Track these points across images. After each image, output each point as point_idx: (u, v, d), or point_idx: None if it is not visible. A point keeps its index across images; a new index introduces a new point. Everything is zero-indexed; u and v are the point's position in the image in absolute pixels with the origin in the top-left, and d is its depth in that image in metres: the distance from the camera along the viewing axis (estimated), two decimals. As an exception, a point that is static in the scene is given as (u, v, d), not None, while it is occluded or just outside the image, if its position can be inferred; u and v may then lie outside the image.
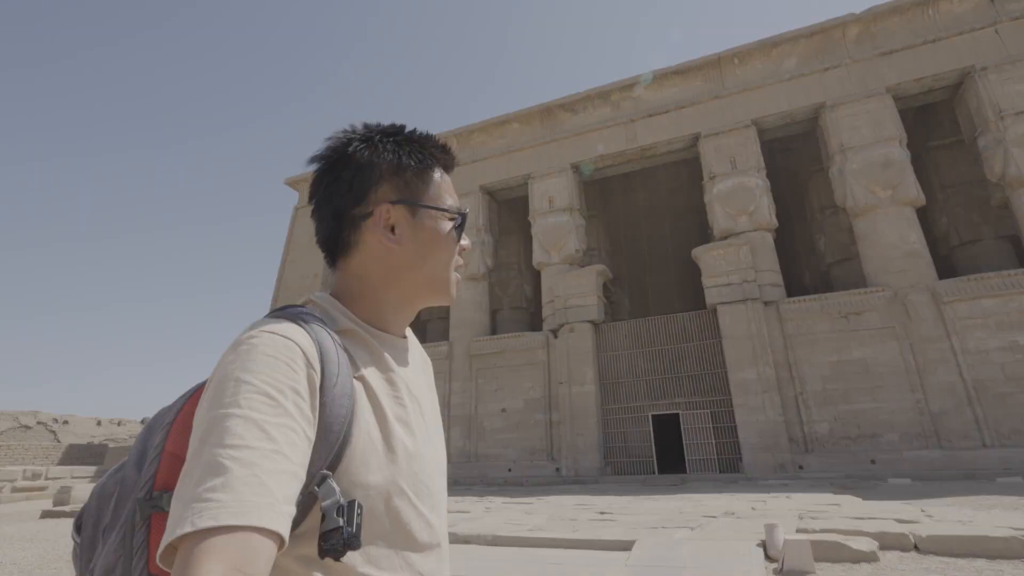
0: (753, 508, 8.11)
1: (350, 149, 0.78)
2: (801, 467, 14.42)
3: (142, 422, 40.00)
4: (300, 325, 0.67)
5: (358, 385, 0.69)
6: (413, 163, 0.79)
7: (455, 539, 6.73)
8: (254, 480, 0.51)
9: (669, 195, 26.19)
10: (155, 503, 0.61)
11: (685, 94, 19.88)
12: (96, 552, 0.65)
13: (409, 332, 0.87)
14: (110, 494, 0.68)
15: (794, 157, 22.74)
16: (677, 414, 17.07)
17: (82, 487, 13.65)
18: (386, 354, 0.76)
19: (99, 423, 37.04)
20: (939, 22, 16.90)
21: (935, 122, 19.35)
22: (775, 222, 17.26)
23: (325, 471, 0.60)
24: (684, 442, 16.53)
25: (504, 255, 24.63)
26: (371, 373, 0.72)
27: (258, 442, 0.53)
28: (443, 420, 17.12)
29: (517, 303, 24.26)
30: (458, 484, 17.85)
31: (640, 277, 26.91)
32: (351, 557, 0.62)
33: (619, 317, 22.59)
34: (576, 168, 21.04)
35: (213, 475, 0.51)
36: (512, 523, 7.68)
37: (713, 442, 16.08)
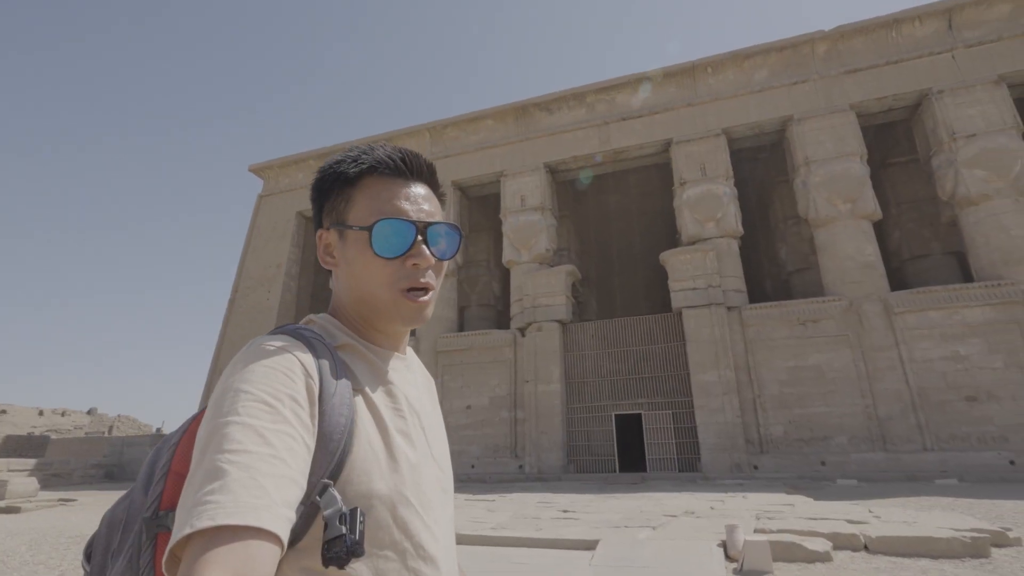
0: (712, 508, 8.30)
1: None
2: (756, 467, 14.89)
3: (89, 412, 38.15)
4: (298, 339, 0.68)
5: (358, 396, 0.69)
6: (328, 185, 0.78)
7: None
8: (251, 482, 0.51)
9: (640, 198, 26.58)
10: (161, 522, 0.62)
11: (659, 99, 20.19)
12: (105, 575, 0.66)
13: (411, 350, 0.87)
14: (120, 520, 0.68)
15: (761, 167, 23.42)
16: (640, 414, 17.38)
17: (20, 480, 12.86)
18: (385, 368, 0.76)
19: (41, 413, 35.13)
20: (901, 44, 17.66)
21: (893, 140, 20.25)
22: (741, 230, 17.74)
23: (326, 480, 0.60)
24: (645, 441, 16.83)
25: (473, 252, 24.54)
26: (371, 385, 0.72)
27: (256, 447, 0.54)
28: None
29: (485, 300, 24.20)
30: (420, 481, 17.68)
31: (608, 278, 27.23)
32: (358, 570, 0.61)
33: (586, 317, 22.82)
34: (549, 168, 21.10)
35: (212, 479, 0.51)
36: (475, 521, 7.65)
37: (673, 442, 16.43)
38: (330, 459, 0.62)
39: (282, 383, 0.60)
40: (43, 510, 11.75)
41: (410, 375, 0.81)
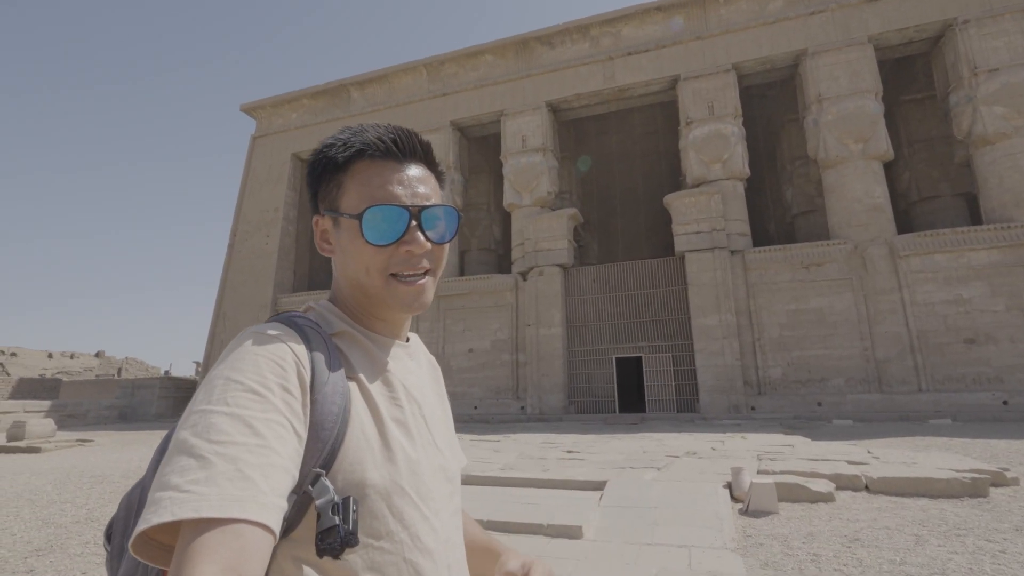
0: (713, 448, 8.53)
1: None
2: (753, 408, 15.27)
3: (97, 355, 38.74)
4: (291, 327, 0.67)
5: (352, 385, 0.68)
6: (319, 171, 0.76)
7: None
8: (237, 474, 0.50)
9: (643, 139, 25.80)
10: None
11: (666, 33, 19.16)
12: (122, 560, 0.66)
13: (415, 337, 0.85)
14: (135, 504, 0.69)
15: (769, 105, 22.60)
16: (640, 357, 17.64)
17: (37, 421, 13.16)
18: (382, 356, 0.75)
19: (50, 356, 35.68)
20: (927, -31, 16.56)
21: (909, 76, 19.43)
22: (748, 171, 17.31)
23: (318, 469, 0.60)
24: (645, 383, 17.18)
25: (473, 195, 24.09)
26: (367, 374, 0.71)
27: (243, 437, 0.53)
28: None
29: (485, 244, 24.02)
30: (425, 421, 18.19)
31: (609, 222, 26.91)
32: (353, 562, 0.60)
33: (587, 261, 22.73)
34: (551, 106, 20.32)
35: (197, 468, 0.50)
36: (482, 461, 7.85)
37: (672, 384, 16.78)
38: (322, 448, 0.61)
39: (272, 372, 0.59)
40: (62, 450, 12.07)
41: (410, 363, 0.79)
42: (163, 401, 23.01)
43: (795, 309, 15.68)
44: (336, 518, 0.56)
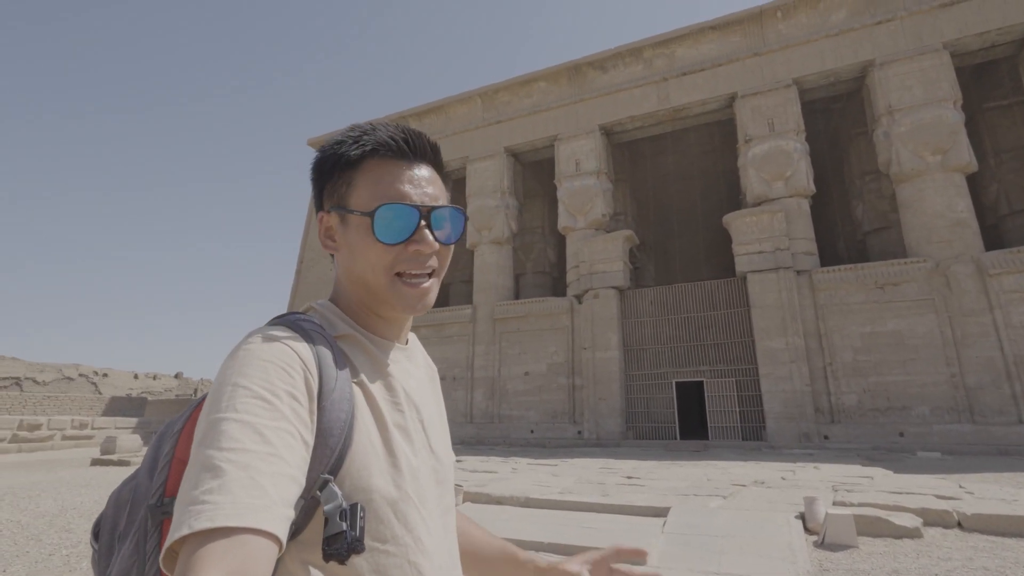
0: (783, 478, 8.09)
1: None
2: (826, 437, 14.33)
3: (176, 376, 41.52)
4: (297, 331, 0.67)
5: (357, 390, 0.68)
6: (329, 167, 0.76)
7: (487, 499, 6.87)
8: (250, 482, 0.51)
9: (700, 158, 25.33)
10: (165, 509, 0.62)
11: (722, 50, 18.92)
12: (112, 558, 0.67)
13: (413, 338, 0.86)
14: (126, 501, 0.69)
15: (835, 119, 21.71)
16: (701, 381, 17.03)
17: (126, 437, 14.30)
18: (385, 360, 0.75)
19: (136, 376, 38.59)
20: (1008, -31, 15.58)
21: (994, 80, 18.15)
22: (812, 188, 16.62)
23: (326, 475, 0.60)
24: (707, 409, 16.52)
25: (528, 219, 24.36)
26: (370, 378, 0.71)
27: (254, 445, 0.53)
28: (467, 382, 17.36)
29: (540, 268, 24.13)
30: (482, 444, 18.26)
31: (666, 243, 26.45)
32: (358, 565, 0.61)
33: (644, 283, 22.35)
34: (605, 130, 20.41)
35: (209, 478, 0.51)
36: (541, 485, 7.81)
37: (737, 410, 16.05)
38: (330, 454, 0.61)
39: (280, 378, 0.60)
40: (147, 464, 13.01)
41: (410, 366, 0.80)
42: (236, 419, 24.31)
43: (870, 332, 14.71)
44: (343, 524, 0.56)
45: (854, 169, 20.36)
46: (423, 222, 0.73)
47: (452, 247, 0.78)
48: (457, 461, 10.17)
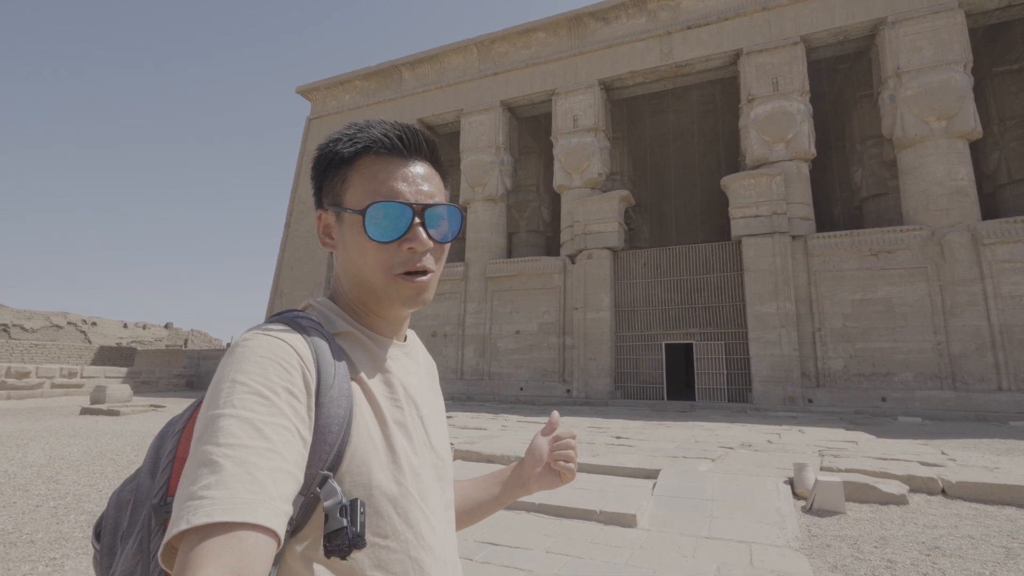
0: (769, 441, 8.22)
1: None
2: (810, 400, 14.62)
3: (166, 326, 41.32)
4: (296, 328, 0.67)
5: (356, 387, 0.69)
6: (324, 166, 0.76)
7: (477, 457, 6.92)
8: (248, 477, 0.51)
9: (700, 118, 24.72)
10: (168, 508, 0.61)
11: (729, 3, 18.13)
12: (115, 558, 0.67)
13: (412, 335, 0.86)
14: (127, 501, 0.69)
15: (839, 80, 21.13)
16: (690, 344, 17.19)
17: (116, 386, 14.24)
18: (383, 357, 0.75)
19: (125, 326, 38.36)
20: (1032, -76, 14.87)
21: (1005, 43, 17.62)
22: (813, 151, 16.31)
23: (326, 472, 0.60)
24: (695, 371, 16.75)
25: (523, 176, 23.89)
26: (369, 375, 0.72)
27: (252, 441, 0.53)
28: (458, 339, 17.39)
29: (534, 226, 23.85)
30: (472, 400, 18.49)
31: (662, 204, 26.16)
32: (360, 560, 0.62)
33: (637, 244, 22.21)
34: (604, 85, 19.75)
35: (207, 473, 0.51)
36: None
37: (724, 372, 16.28)
38: (329, 451, 0.62)
39: (278, 375, 0.60)
40: (138, 414, 13.02)
41: (409, 362, 0.80)
42: (226, 371, 24.39)
43: (861, 299, 14.80)
44: (344, 520, 0.57)
45: (856, 133, 19.99)
46: (417, 220, 0.72)
47: (447, 246, 0.78)
48: (447, 418, 10.31)
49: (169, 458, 0.67)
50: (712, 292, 17.07)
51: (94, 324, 37.25)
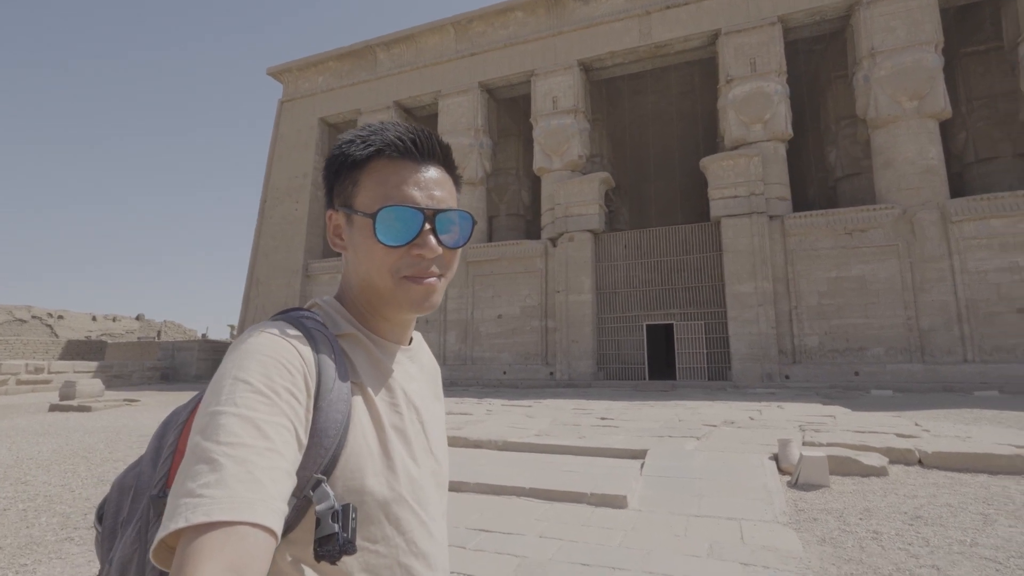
0: (751, 418, 8.38)
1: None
2: (787, 376, 14.99)
3: (137, 318, 40.23)
4: (299, 328, 0.67)
5: (355, 391, 0.69)
6: (337, 167, 0.75)
7: (464, 443, 6.90)
8: (247, 476, 0.51)
9: (679, 99, 24.74)
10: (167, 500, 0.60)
11: (708, -18, 18.03)
12: (115, 543, 0.68)
13: (418, 337, 0.85)
14: (129, 487, 0.70)
15: (815, 61, 21.32)
16: (671, 324, 17.41)
17: (86, 381, 13.80)
18: (386, 361, 0.75)
19: (94, 318, 37.21)
20: (1002, -96, 15.06)
21: (974, 24, 17.95)
22: (790, 132, 16.49)
23: (319, 476, 0.60)
24: (676, 351, 16.99)
25: (502, 159, 23.65)
26: (370, 379, 0.71)
27: (252, 439, 0.53)
28: (440, 324, 17.26)
29: (514, 210, 23.71)
30: (455, 385, 18.47)
31: (642, 186, 26.24)
32: (348, 564, 0.62)
33: (618, 227, 22.27)
34: (583, 66, 19.55)
35: (207, 471, 0.50)
36: (517, 427, 7.89)
37: (704, 351, 16.55)
38: (324, 454, 0.61)
39: (280, 375, 0.59)
40: (111, 409, 12.65)
41: (412, 367, 0.80)
42: (202, 363, 23.87)
43: (836, 277, 15.13)
44: (336, 526, 0.56)
45: (831, 114, 20.26)
46: (428, 225, 0.71)
47: (459, 251, 0.76)
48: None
49: (171, 449, 0.67)
50: (692, 273, 17.26)
51: (61, 317, 36.03)
